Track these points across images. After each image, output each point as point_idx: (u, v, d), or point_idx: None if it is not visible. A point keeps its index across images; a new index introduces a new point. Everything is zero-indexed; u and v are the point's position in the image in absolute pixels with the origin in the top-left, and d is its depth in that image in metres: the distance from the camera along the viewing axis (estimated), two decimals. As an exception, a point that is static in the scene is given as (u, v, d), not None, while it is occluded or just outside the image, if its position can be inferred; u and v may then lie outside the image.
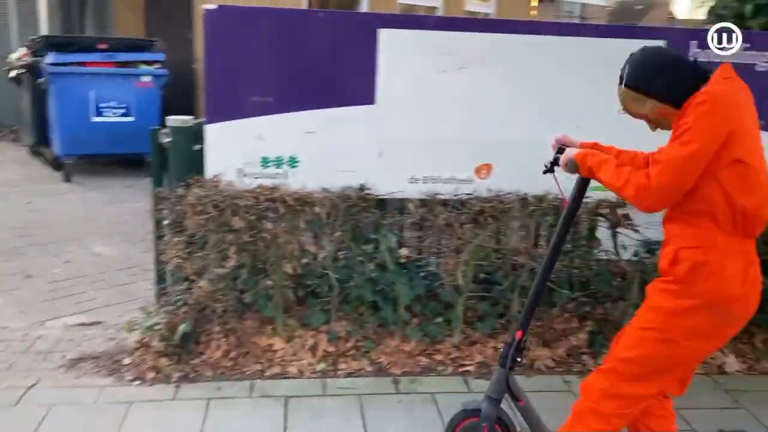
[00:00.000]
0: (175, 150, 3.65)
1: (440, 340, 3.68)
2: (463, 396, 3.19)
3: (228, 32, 3.52)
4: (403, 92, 3.65)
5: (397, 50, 3.61)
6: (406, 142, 3.70)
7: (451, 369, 3.54)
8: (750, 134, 2.07)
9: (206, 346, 3.49)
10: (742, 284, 2.10)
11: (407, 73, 3.65)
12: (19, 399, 3.08)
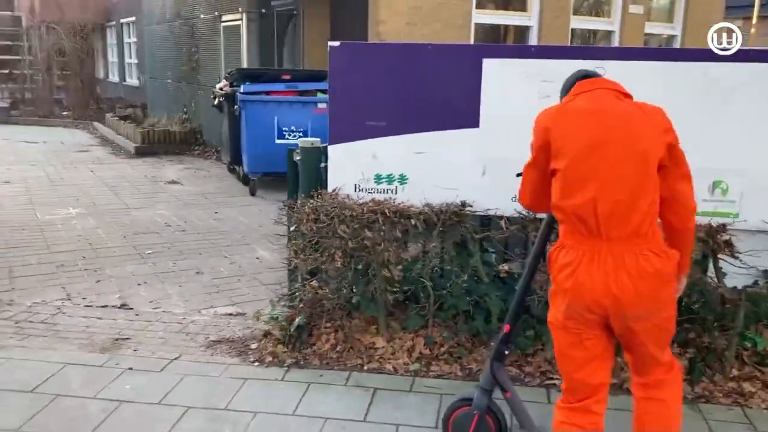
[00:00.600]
0: (305, 167, 4.21)
1: (532, 353, 3.84)
2: (543, 407, 3.37)
3: (348, 65, 4.03)
4: (506, 116, 3.89)
5: (499, 78, 3.88)
6: (509, 163, 3.91)
7: (538, 381, 3.69)
8: (576, 146, 2.28)
9: (317, 338, 3.98)
10: (569, 277, 2.31)
11: (509, 98, 3.89)
12: (164, 367, 3.78)
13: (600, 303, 2.28)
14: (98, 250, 6.25)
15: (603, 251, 2.26)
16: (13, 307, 4.68)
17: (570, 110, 2.38)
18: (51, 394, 3.43)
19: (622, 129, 2.26)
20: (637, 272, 2.24)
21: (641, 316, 2.30)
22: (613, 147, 2.25)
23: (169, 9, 15.32)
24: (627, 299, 2.25)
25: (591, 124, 2.29)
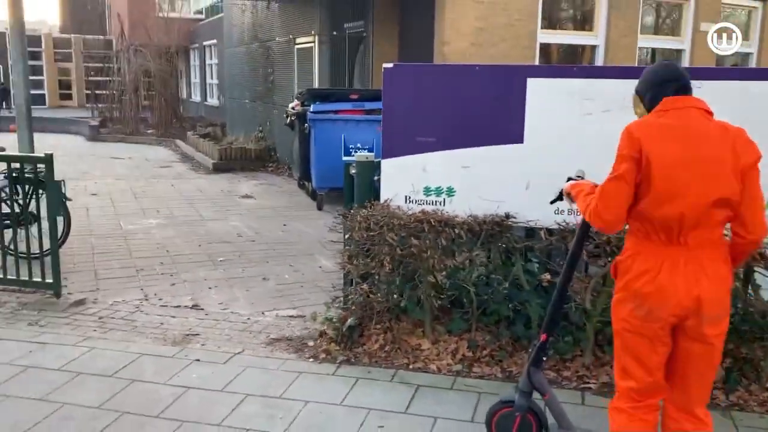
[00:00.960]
0: (359, 180, 4.53)
1: (570, 358, 4.01)
2: (578, 408, 3.54)
3: (401, 85, 4.34)
4: (549, 132, 4.11)
5: (543, 96, 4.10)
6: (553, 176, 4.12)
7: (575, 384, 3.85)
8: (658, 154, 2.37)
9: (368, 338, 4.27)
10: (650, 282, 2.41)
11: (553, 115, 4.11)
12: (227, 360, 4.14)
13: (683, 305, 2.40)
14: (175, 256, 6.76)
15: (683, 257, 2.40)
16: (97, 304, 5.18)
17: (663, 126, 2.44)
18: (127, 379, 3.85)
19: (711, 148, 2.39)
20: (715, 277, 2.41)
21: (715, 318, 2.45)
22: (702, 165, 2.37)
23: (247, 32, 16.13)
24: (708, 300, 2.39)
25: (683, 141, 2.40)
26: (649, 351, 2.51)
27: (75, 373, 3.91)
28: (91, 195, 10.20)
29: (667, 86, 2.52)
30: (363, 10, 12.04)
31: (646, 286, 2.43)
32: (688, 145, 2.39)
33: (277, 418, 3.44)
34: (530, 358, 3.03)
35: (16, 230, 5.61)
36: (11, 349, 4.23)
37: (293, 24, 13.19)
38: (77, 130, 21.31)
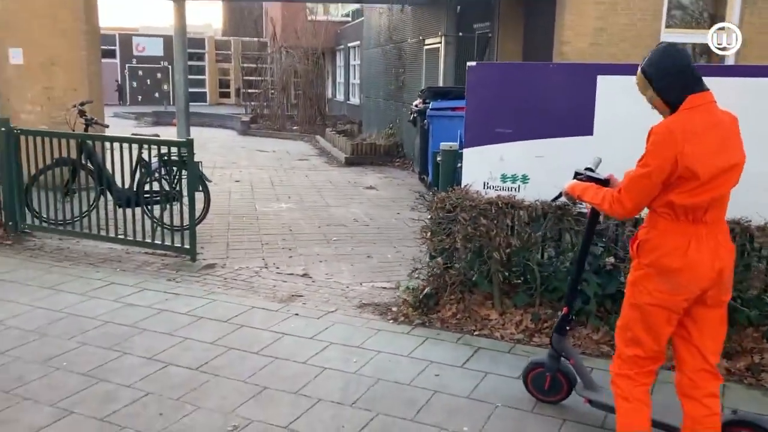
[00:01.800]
0: (444, 167, 5.07)
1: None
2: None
3: (483, 81, 4.83)
4: (617, 125, 4.44)
5: (612, 91, 4.44)
6: (621, 167, 4.45)
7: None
8: (700, 153, 2.57)
9: (442, 307, 4.80)
10: (682, 257, 2.62)
11: (620, 110, 4.43)
12: (321, 316, 4.85)
13: (710, 277, 2.64)
14: (296, 234, 7.62)
15: (705, 234, 2.64)
16: (224, 269, 6.08)
17: (697, 123, 2.62)
18: (238, 324, 4.65)
19: (732, 139, 2.68)
20: (729, 248, 2.73)
21: (730, 286, 2.77)
22: (727, 154, 2.64)
23: (383, 34, 17.01)
24: (727, 269, 2.69)
25: (715, 136, 2.62)
26: (665, 323, 2.74)
27: (197, 317, 4.78)
28: (234, 182, 11.41)
29: (683, 76, 2.68)
30: (489, 11, 12.46)
31: (677, 260, 2.64)
32: (718, 140, 2.62)
33: (352, 361, 4.08)
34: (555, 326, 3.46)
35: (165, 205, 6.68)
36: (151, 297, 5.19)
37: (423, 26, 13.84)
38: (231, 125, 23.29)
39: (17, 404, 3.54)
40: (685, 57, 2.76)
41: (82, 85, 10.24)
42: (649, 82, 2.80)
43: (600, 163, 3.42)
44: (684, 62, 2.72)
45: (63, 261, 6.17)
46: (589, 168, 3.29)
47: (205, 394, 3.67)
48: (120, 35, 34.59)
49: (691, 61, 2.75)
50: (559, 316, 3.46)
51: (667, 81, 2.72)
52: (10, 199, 6.88)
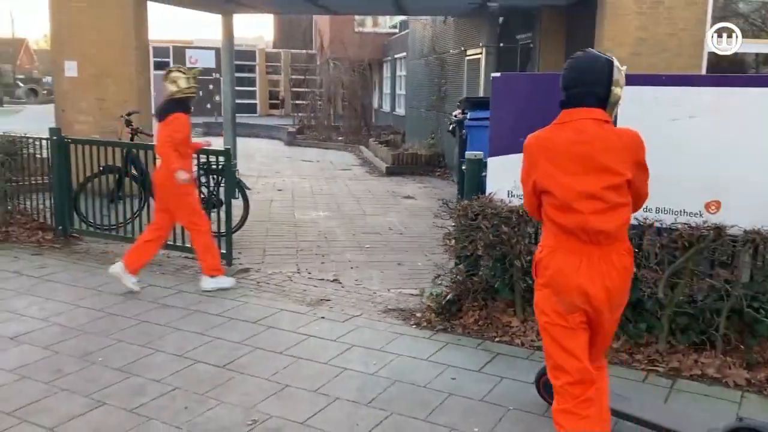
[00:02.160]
0: (469, 175, 5.17)
1: (646, 344, 4.33)
2: (639, 385, 3.92)
3: (506, 91, 4.92)
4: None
5: (634, 102, 4.47)
6: (642, 177, 4.49)
7: (643, 366, 4.19)
8: (553, 171, 2.63)
9: (465, 313, 4.89)
10: (573, 276, 2.63)
11: (642, 120, 4.45)
12: (346, 320, 4.99)
13: (599, 297, 2.65)
14: (330, 242, 7.80)
15: (597, 255, 2.63)
16: (258, 273, 6.29)
17: (559, 139, 2.70)
18: (266, 325, 4.84)
19: (603, 162, 2.61)
20: (624, 268, 2.69)
21: (623, 303, 2.81)
22: (589, 178, 2.61)
23: (427, 45, 17.17)
24: (617, 291, 2.69)
25: (574, 156, 2.63)
26: (572, 338, 2.71)
27: (228, 318, 4.98)
28: (277, 190, 11.69)
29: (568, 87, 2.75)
30: (530, 22, 12.50)
31: (569, 281, 2.64)
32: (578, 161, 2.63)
33: (371, 364, 4.21)
34: None
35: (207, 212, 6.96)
36: (187, 298, 5.43)
37: (465, 37, 13.95)
38: (278, 136, 23.74)
39: (55, 394, 3.78)
40: (581, 68, 2.74)
41: (131, 96, 10.67)
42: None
43: None
44: (573, 73, 2.74)
45: (107, 264, 6.46)
46: None
47: (229, 390, 3.85)
48: (173, 47, 35.56)
49: (591, 72, 2.71)
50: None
51: (563, 89, 2.79)
52: (60, 204, 7.25)
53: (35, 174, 7.55)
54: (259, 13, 16.29)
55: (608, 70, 2.70)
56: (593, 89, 2.68)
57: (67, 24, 10.73)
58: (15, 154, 7.37)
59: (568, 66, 2.78)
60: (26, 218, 7.54)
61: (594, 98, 2.69)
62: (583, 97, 2.69)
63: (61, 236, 7.24)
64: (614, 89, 2.72)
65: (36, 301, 5.30)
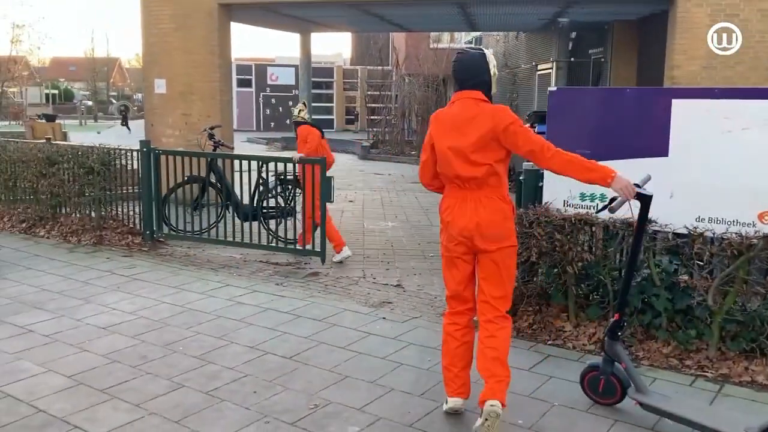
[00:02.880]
0: (525, 185, 5.37)
1: (697, 350, 4.42)
2: (686, 389, 4.04)
3: (563, 105, 5.12)
4: (692, 147, 4.60)
5: (686, 115, 4.61)
6: (695, 187, 4.60)
7: (692, 371, 4.28)
8: (444, 135, 3.48)
9: (519, 317, 5.08)
10: (450, 213, 3.52)
11: (695, 132, 4.60)
12: (405, 321, 5.27)
13: (469, 228, 3.44)
14: (396, 250, 8.11)
15: (469, 197, 3.47)
16: (326, 277, 6.67)
17: (445, 113, 3.56)
18: (330, 323, 5.18)
19: (467, 123, 3.42)
20: (491, 208, 3.45)
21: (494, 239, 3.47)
22: (453, 138, 3.44)
23: (499, 60, 17.34)
24: (485, 224, 3.44)
25: (450, 123, 3.49)
26: (454, 266, 3.64)
27: (297, 316, 5.36)
28: (348, 202, 12.12)
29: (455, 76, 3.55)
30: (602, 37, 12.54)
31: (447, 216, 3.54)
32: (451, 127, 3.47)
33: (426, 360, 4.48)
34: (606, 331, 3.69)
35: (279, 220, 7.44)
36: (260, 297, 5.84)
37: (536, 52, 14.09)
38: (353, 150, 24.32)
39: (141, 376, 4.23)
40: (462, 61, 3.52)
41: (214, 111, 11.36)
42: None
43: (649, 180, 3.64)
44: (458, 65, 3.53)
45: (189, 265, 7.00)
46: (636, 184, 3.51)
47: (294, 379, 4.20)
48: (256, 65, 36.97)
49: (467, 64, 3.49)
50: (611, 322, 3.69)
51: (456, 79, 3.58)
52: (148, 211, 7.86)
53: (126, 183, 8.19)
54: (336, 32, 16.89)
55: (483, 60, 3.51)
56: (480, 79, 3.49)
57: (157, 44, 11.55)
58: (109, 165, 8.04)
59: (458, 64, 3.54)
60: (118, 223, 8.19)
61: (479, 82, 3.49)
62: (471, 83, 3.50)
63: (148, 240, 7.84)
64: (492, 71, 3.52)
65: (125, 297, 5.83)
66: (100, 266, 6.85)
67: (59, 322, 5.20)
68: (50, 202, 8.39)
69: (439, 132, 3.53)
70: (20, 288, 6.07)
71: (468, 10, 11.92)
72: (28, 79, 38.49)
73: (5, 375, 4.22)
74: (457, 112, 3.49)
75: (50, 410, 3.76)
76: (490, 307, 3.58)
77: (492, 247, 3.47)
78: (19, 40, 23.39)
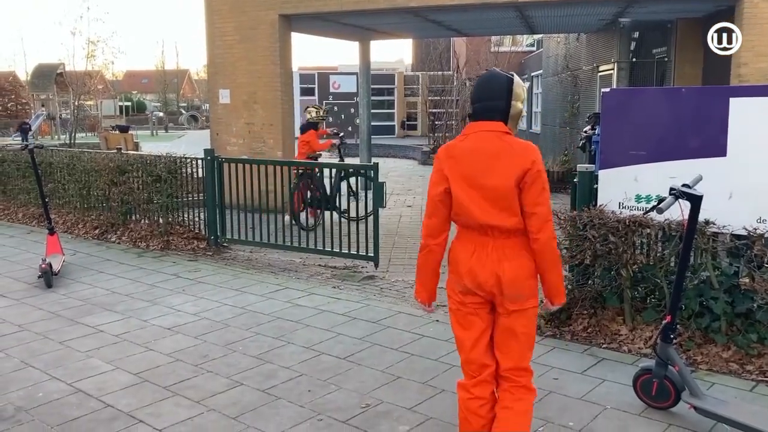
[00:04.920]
0: (580, 187, 5.34)
1: (759, 355, 4.30)
2: (745, 394, 3.95)
3: (617, 106, 5.06)
4: (751, 147, 4.48)
5: (745, 114, 4.50)
6: (755, 188, 4.49)
7: (754, 377, 4.17)
8: (461, 176, 2.82)
9: (573, 321, 5.04)
10: (466, 261, 2.88)
11: (755, 131, 4.48)
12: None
13: (489, 282, 2.82)
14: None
15: (491, 246, 2.84)
16: (382, 280, 6.78)
17: (461, 148, 2.88)
18: (384, 325, 5.27)
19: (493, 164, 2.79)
20: (516, 263, 2.82)
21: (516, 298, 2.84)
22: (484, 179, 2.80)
23: (560, 62, 17.15)
24: (507, 281, 2.81)
25: (469, 163, 2.84)
26: (468, 323, 2.96)
27: (351, 318, 5.47)
28: (407, 206, 12.21)
29: (474, 102, 2.89)
30: (666, 36, 12.25)
31: (462, 265, 2.90)
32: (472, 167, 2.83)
33: (478, 362, 4.50)
34: (659, 334, 3.64)
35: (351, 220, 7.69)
36: (318, 300, 5.98)
37: (597, 53, 13.85)
38: (413, 156, 24.43)
39: (202, 374, 4.41)
40: (483, 84, 2.90)
41: (276, 120, 11.64)
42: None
43: (700, 180, 3.59)
44: (478, 87, 2.91)
45: (250, 269, 7.22)
46: (685, 184, 3.47)
47: (348, 378, 4.30)
48: (318, 74, 37.54)
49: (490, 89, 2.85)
50: (663, 325, 3.65)
51: (471, 104, 2.96)
52: (212, 217, 8.14)
53: (192, 191, 8.50)
54: (395, 39, 17.03)
55: (507, 86, 2.86)
56: (494, 103, 2.85)
57: (221, 56, 11.94)
58: (175, 173, 8.36)
59: (475, 83, 2.98)
60: (184, 229, 8.50)
61: (495, 111, 2.86)
62: (486, 111, 2.87)
63: (213, 245, 8.12)
64: (515, 103, 2.87)
65: (189, 299, 6.07)
66: (167, 270, 7.14)
67: (127, 322, 5.46)
68: (121, 209, 8.79)
69: (455, 171, 2.86)
70: (92, 290, 6.40)
71: (526, 14, 11.85)
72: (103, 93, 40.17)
73: (77, 372, 4.48)
74: (476, 146, 2.85)
75: (117, 405, 3.98)
76: (507, 379, 2.98)
77: (512, 307, 2.87)
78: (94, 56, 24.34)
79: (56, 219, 9.31)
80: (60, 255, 7.10)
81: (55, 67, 37.36)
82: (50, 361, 4.66)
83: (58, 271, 6.78)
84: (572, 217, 4.96)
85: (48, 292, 6.35)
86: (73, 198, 9.55)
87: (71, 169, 9.47)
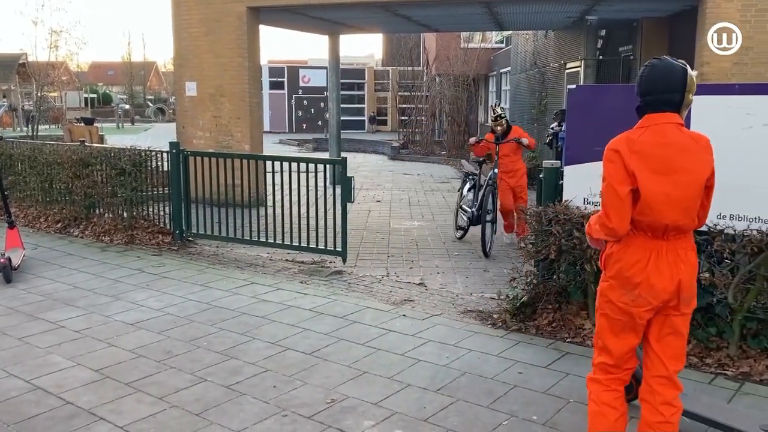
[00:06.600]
0: (545, 183, 5.38)
1: (717, 348, 4.39)
2: (705, 387, 4.02)
3: (582, 103, 5.11)
4: (712, 143, 4.54)
5: (707, 111, 4.56)
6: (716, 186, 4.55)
7: (712, 370, 4.25)
8: (652, 172, 2.69)
9: (538, 315, 5.09)
10: (641, 271, 2.74)
11: (716, 129, 4.51)
12: (426, 318, 5.32)
13: (668, 290, 2.75)
14: (421, 249, 8.16)
15: (665, 249, 2.75)
16: (350, 276, 6.75)
17: (645, 141, 2.76)
18: (351, 320, 5.26)
19: (684, 158, 2.73)
20: (690, 263, 2.79)
21: (691, 299, 2.83)
22: (672, 178, 2.71)
23: (528, 60, 17.28)
24: (686, 284, 2.77)
25: (660, 157, 2.72)
26: (630, 331, 2.88)
27: (318, 313, 5.45)
28: (376, 201, 12.21)
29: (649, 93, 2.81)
30: (631, 35, 12.40)
31: (636, 275, 2.75)
32: (664, 162, 2.72)
33: (444, 357, 4.52)
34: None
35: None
36: (284, 296, 5.94)
37: (564, 50, 13.99)
38: (383, 151, 24.45)
39: (165, 370, 4.35)
40: (659, 76, 2.79)
41: (244, 114, 11.53)
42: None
43: None
44: (651, 81, 2.81)
45: (216, 264, 7.14)
46: None
47: (313, 374, 4.28)
48: (288, 67, 37.31)
49: (666, 80, 2.77)
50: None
51: (640, 96, 2.88)
52: (177, 211, 8.03)
53: (158, 184, 8.37)
54: (364, 33, 16.99)
55: (683, 76, 2.77)
56: (670, 96, 2.78)
57: (187, 48, 11.78)
58: (140, 166, 8.23)
59: (645, 73, 2.86)
60: (149, 223, 8.38)
61: (670, 104, 2.79)
62: (662, 103, 2.79)
63: (178, 240, 8.01)
64: (688, 95, 2.80)
65: (153, 294, 5.99)
66: (131, 265, 7.03)
67: (89, 318, 5.37)
68: (84, 203, 8.63)
69: (644, 169, 2.70)
70: (54, 285, 6.27)
71: (494, 10, 11.90)
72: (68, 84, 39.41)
73: (36, 368, 4.39)
74: (663, 141, 2.73)
75: (78, 402, 3.90)
76: (669, 384, 2.91)
77: (687, 309, 2.83)
78: (57, 46, 23.82)
79: (17, 212, 9.12)
80: (20, 249, 6.94)
81: (17, 57, 36.56)
82: (8, 358, 4.56)
83: (18, 266, 6.64)
84: (537, 213, 5.00)
85: (7, 287, 6.21)
86: (35, 191, 9.36)
87: (33, 162, 9.27)
